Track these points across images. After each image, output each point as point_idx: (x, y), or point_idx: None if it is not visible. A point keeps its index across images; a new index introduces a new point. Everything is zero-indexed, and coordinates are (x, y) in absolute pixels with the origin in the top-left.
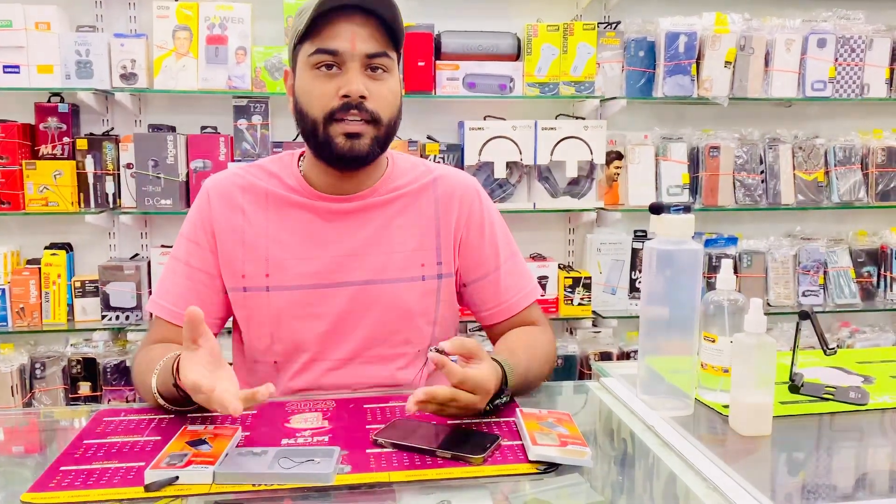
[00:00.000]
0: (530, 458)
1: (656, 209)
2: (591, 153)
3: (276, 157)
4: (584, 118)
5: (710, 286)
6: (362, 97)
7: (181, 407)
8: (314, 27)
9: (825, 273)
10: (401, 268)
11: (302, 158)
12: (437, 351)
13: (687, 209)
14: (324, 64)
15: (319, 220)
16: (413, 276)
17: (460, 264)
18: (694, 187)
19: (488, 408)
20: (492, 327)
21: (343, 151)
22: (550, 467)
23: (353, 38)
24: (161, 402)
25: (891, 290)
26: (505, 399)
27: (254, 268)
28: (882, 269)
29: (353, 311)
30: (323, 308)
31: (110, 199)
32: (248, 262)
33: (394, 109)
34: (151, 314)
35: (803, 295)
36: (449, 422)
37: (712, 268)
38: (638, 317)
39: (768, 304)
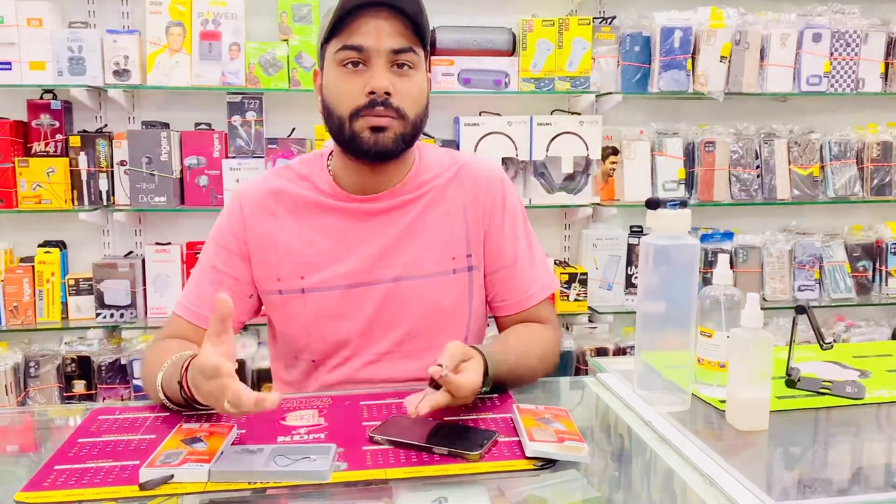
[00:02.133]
0: (527, 454)
1: (653, 204)
2: (587, 148)
3: (304, 158)
4: (579, 113)
5: (706, 281)
6: (388, 93)
7: (181, 407)
8: (340, 24)
9: (821, 267)
10: (433, 262)
11: (330, 158)
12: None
13: (683, 204)
14: (350, 61)
15: (351, 220)
16: (445, 269)
17: (484, 254)
18: (690, 182)
19: None
20: (503, 318)
21: (369, 145)
22: (548, 463)
23: (378, 34)
24: (163, 398)
25: (886, 285)
26: (484, 390)
27: (288, 271)
28: (877, 264)
29: (388, 308)
30: (358, 307)
31: (104, 196)
32: (283, 265)
33: (420, 106)
34: (174, 313)
35: (799, 289)
36: (445, 418)
37: (708, 263)
38: (634, 312)
39: (764, 299)
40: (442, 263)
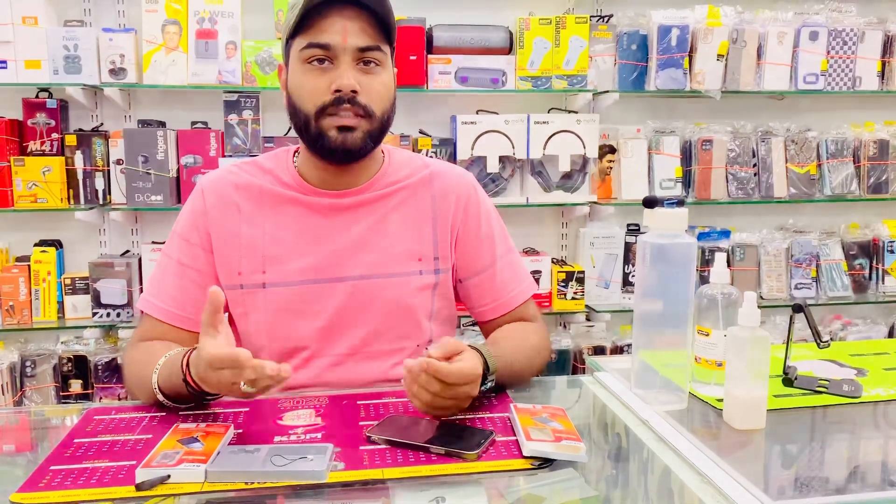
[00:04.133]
0: (525, 453)
1: (650, 203)
2: (584, 147)
3: (270, 153)
4: (576, 112)
5: (703, 280)
6: (354, 91)
7: (181, 404)
8: (305, 21)
9: (817, 266)
10: (398, 262)
11: (297, 154)
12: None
13: (680, 203)
14: (315, 58)
15: (315, 215)
16: (411, 270)
17: (457, 260)
18: (687, 181)
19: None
20: (487, 323)
21: (336, 145)
22: (545, 463)
23: (344, 31)
24: (161, 398)
25: (882, 283)
26: (490, 384)
27: (250, 265)
28: (874, 262)
29: (351, 306)
30: (320, 304)
31: (100, 195)
32: (245, 258)
33: (387, 103)
34: (142, 311)
35: (796, 288)
36: (442, 418)
37: (705, 261)
38: (631, 311)
39: (761, 297)
40: (408, 264)
